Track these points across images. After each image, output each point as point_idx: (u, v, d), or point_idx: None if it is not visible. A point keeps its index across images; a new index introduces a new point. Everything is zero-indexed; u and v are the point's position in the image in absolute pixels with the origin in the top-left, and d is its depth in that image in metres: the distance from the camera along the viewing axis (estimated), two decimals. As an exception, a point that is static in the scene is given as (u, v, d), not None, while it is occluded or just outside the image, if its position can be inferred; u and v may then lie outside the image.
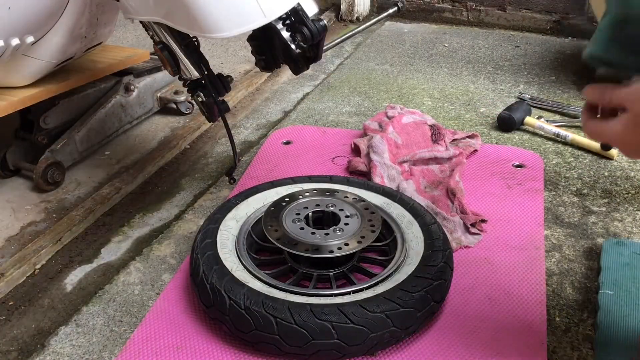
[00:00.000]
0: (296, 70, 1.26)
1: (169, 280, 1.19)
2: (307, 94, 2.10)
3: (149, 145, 1.77)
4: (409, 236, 1.15)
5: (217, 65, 2.39)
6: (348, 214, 1.16)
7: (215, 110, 1.29)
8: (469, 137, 1.63)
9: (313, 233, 1.11)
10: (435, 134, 1.58)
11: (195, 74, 1.21)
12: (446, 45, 2.55)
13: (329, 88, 2.12)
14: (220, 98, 1.29)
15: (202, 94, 1.25)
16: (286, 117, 1.92)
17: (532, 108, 1.83)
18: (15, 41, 1.30)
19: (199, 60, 1.22)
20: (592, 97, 0.72)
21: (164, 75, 1.89)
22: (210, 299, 1.00)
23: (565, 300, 1.11)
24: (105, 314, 1.11)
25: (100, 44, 1.62)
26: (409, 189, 1.38)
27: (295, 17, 1.15)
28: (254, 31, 1.20)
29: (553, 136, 1.69)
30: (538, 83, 2.11)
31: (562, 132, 1.67)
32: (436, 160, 1.51)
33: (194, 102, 1.88)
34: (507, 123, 1.74)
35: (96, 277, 1.23)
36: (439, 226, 1.16)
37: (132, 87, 1.79)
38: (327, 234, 1.10)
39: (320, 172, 1.52)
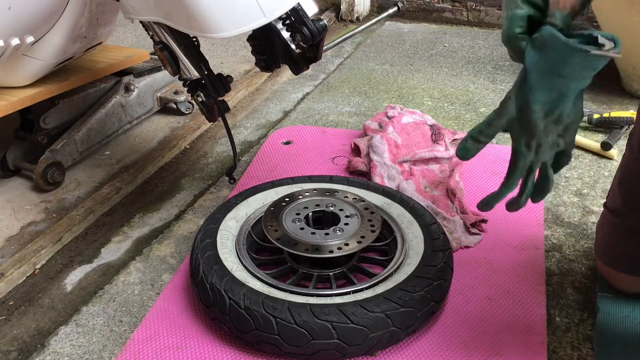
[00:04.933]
0: (296, 70, 1.25)
1: (169, 280, 1.19)
2: (307, 94, 2.10)
3: (149, 145, 1.77)
4: (409, 236, 1.15)
5: (217, 65, 2.39)
6: (348, 214, 1.16)
7: (215, 110, 1.29)
8: (469, 137, 1.63)
9: (313, 233, 1.11)
10: (435, 134, 1.58)
11: (195, 74, 1.21)
12: (446, 45, 2.55)
13: (329, 88, 2.12)
14: (220, 98, 1.29)
15: (202, 94, 1.25)
16: (286, 117, 1.92)
17: (532, 108, 1.83)
18: (15, 41, 1.30)
19: (199, 60, 1.22)
20: None
21: (164, 75, 1.89)
22: (210, 299, 1.00)
23: (565, 300, 1.11)
24: (105, 314, 1.11)
25: (100, 44, 1.62)
26: (409, 189, 1.38)
27: (295, 17, 1.15)
28: (254, 31, 1.20)
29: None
30: (538, 83, 2.10)
31: (562, 132, 1.67)
32: (436, 160, 1.51)
33: (194, 102, 1.88)
34: (507, 123, 1.74)
35: (96, 277, 1.23)
36: (439, 226, 1.16)
37: (132, 87, 1.79)
38: (327, 234, 1.10)
39: (320, 172, 1.52)
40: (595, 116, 1.72)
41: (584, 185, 1.47)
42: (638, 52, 1.85)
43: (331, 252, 1.07)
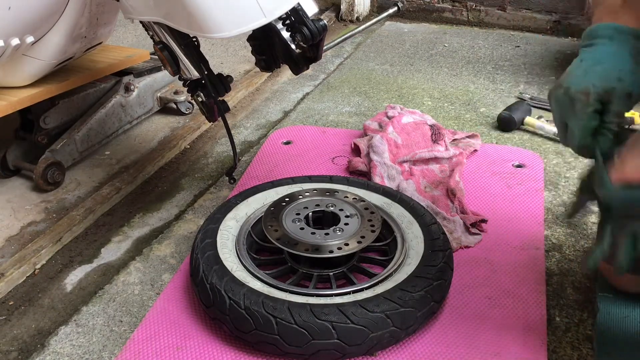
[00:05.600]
0: (296, 70, 1.25)
1: (169, 280, 1.19)
2: (307, 94, 2.10)
3: (149, 145, 1.77)
4: (409, 236, 1.15)
5: (217, 65, 2.39)
6: (348, 214, 1.16)
7: (215, 110, 1.29)
8: (469, 137, 1.63)
9: (313, 233, 1.11)
10: (435, 134, 1.58)
11: (195, 74, 1.21)
12: (446, 45, 2.55)
13: (329, 88, 2.12)
14: (220, 98, 1.29)
15: (202, 94, 1.25)
16: (286, 117, 1.92)
17: (532, 108, 1.83)
18: (15, 41, 1.30)
19: (199, 60, 1.22)
20: None
21: (164, 75, 1.89)
22: (210, 299, 1.00)
23: (565, 300, 1.11)
24: (105, 314, 1.11)
25: (100, 44, 1.62)
26: (409, 189, 1.38)
27: (295, 17, 1.15)
28: (254, 31, 1.20)
29: (553, 136, 1.69)
30: (538, 83, 2.11)
31: (562, 132, 1.66)
32: (436, 160, 1.51)
33: (194, 102, 1.88)
34: (507, 123, 1.74)
35: (96, 277, 1.23)
36: (439, 226, 1.16)
37: (132, 87, 1.79)
38: (327, 234, 1.10)
39: (320, 172, 1.52)
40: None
41: (584, 185, 1.47)
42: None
43: (331, 252, 1.07)
